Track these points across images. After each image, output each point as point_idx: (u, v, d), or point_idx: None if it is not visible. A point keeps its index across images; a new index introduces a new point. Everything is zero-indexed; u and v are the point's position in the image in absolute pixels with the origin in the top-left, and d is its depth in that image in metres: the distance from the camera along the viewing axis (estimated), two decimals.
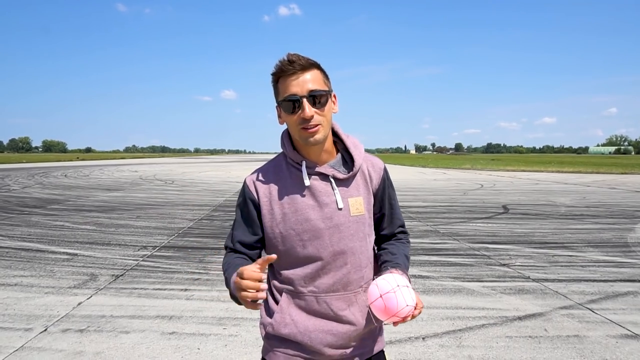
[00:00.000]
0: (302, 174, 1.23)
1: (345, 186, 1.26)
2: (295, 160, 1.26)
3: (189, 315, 3.59)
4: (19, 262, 5.19)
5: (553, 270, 4.90)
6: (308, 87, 1.16)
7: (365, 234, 1.28)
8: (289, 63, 1.16)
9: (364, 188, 1.29)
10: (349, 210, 1.24)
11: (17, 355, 2.88)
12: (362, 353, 1.30)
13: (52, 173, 25.19)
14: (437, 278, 4.60)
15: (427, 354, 2.92)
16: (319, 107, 1.18)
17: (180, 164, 44.03)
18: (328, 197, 1.23)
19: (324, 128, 1.20)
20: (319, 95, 1.18)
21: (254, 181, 1.28)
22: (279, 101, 1.21)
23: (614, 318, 3.50)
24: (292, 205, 1.23)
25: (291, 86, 1.17)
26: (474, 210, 9.93)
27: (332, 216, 1.23)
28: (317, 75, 1.19)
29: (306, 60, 1.18)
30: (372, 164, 1.33)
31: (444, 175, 24.15)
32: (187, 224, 7.87)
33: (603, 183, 18.18)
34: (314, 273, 1.24)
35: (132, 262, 5.23)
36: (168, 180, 19.91)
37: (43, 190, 14.57)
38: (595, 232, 7.17)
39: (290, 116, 1.19)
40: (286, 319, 1.25)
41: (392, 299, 1.08)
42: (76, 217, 8.64)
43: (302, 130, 1.18)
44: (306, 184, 1.22)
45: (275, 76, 1.21)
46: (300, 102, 1.16)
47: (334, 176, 1.25)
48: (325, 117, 1.20)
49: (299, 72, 1.17)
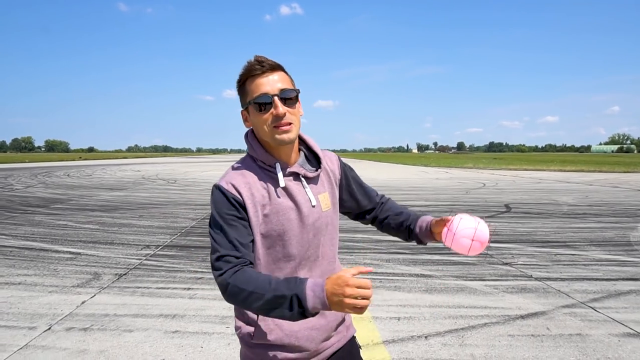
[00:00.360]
0: (277, 175, 1.23)
1: (314, 183, 1.30)
2: (267, 163, 1.24)
3: (192, 314, 3.60)
4: (23, 261, 5.21)
5: (555, 269, 4.90)
6: (278, 86, 1.18)
7: (335, 227, 1.36)
8: (257, 63, 1.18)
9: (327, 183, 1.34)
10: (321, 206, 1.29)
11: (22, 353, 2.90)
12: (340, 340, 1.38)
13: (54, 173, 25.27)
14: (440, 277, 4.61)
15: (430, 352, 2.93)
16: (290, 106, 1.19)
17: (182, 164, 44.11)
18: (302, 196, 1.25)
19: (296, 127, 1.21)
20: (289, 94, 1.19)
21: (232, 184, 1.20)
22: (249, 101, 1.20)
23: (617, 317, 3.50)
24: (272, 207, 1.22)
25: (261, 85, 1.17)
26: (476, 209, 9.92)
27: (309, 214, 1.26)
28: (284, 76, 1.21)
29: (274, 62, 1.20)
30: (329, 158, 1.39)
31: (446, 175, 24.12)
32: (190, 223, 7.89)
33: (605, 182, 18.13)
34: (292, 272, 1.25)
35: (135, 261, 5.25)
36: (170, 179, 19.95)
37: (46, 189, 14.63)
38: (598, 230, 7.16)
39: (260, 115, 1.19)
40: (270, 325, 1.24)
41: (482, 232, 1.27)
42: (79, 217, 8.67)
43: (274, 129, 1.18)
44: (282, 185, 1.22)
45: (242, 78, 1.21)
46: (272, 101, 1.17)
47: (305, 175, 1.27)
48: (296, 117, 1.22)
49: (267, 72, 1.18)
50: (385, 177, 22.02)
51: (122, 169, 30.51)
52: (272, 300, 1.06)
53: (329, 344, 1.34)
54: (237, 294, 1.09)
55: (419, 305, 3.80)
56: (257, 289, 1.07)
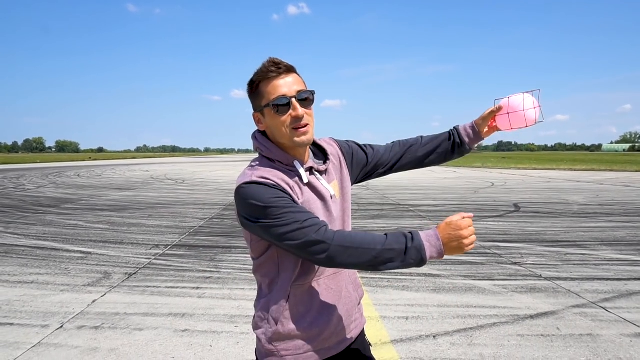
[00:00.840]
0: (299, 172, 1.24)
1: (326, 174, 1.33)
2: (286, 162, 1.23)
3: (201, 313, 3.63)
4: (35, 260, 5.29)
5: (565, 268, 4.86)
6: (295, 88, 1.19)
7: (349, 211, 1.40)
8: (273, 65, 1.18)
9: (334, 171, 1.37)
10: (336, 195, 1.33)
11: (34, 351, 2.94)
12: (357, 327, 1.40)
13: (65, 173, 25.57)
14: (448, 276, 4.59)
15: (438, 352, 2.92)
16: (306, 107, 1.21)
17: (190, 164, 44.37)
18: (321, 188, 1.29)
19: (312, 128, 1.23)
20: (306, 96, 1.21)
21: (264, 177, 1.17)
22: (267, 104, 1.19)
23: (628, 317, 3.46)
24: (305, 203, 1.23)
25: (279, 87, 1.17)
26: (485, 208, 9.86)
27: (330, 203, 1.29)
28: (298, 78, 1.23)
29: (288, 64, 1.21)
30: (329, 144, 1.42)
31: (454, 174, 23.98)
32: (198, 223, 7.94)
33: (617, 181, 17.90)
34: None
35: (144, 260, 5.30)
36: (179, 179, 20.09)
37: (57, 189, 14.81)
38: (609, 230, 7.08)
39: (279, 117, 1.18)
40: (295, 314, 1.25)
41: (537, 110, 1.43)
42: (89, 216, 8.76)
43: (293, 130, 1.19)
44: (305, 181, 1.24)
45: (256, 80, 1.20)
46: (290, 103, 1.18)
47: (318, 169, 1.30)
48: (312, 117, 1.24)
49: (283, 75, 1.19)
50: (392, 176, 21.89)
51: (131, 169, 30.77)
52: (382, 253, 1.09)
53: (351, 331, 1.36)
54: (342, 252, 1.10)
55: (427, 304, 3.79)
56: (364, 244, 1.10)
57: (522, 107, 1.40)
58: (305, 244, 1.11)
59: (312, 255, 1.12)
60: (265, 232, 1.15)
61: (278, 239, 1.14)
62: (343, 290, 1.33)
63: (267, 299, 1.27)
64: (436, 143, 1.51)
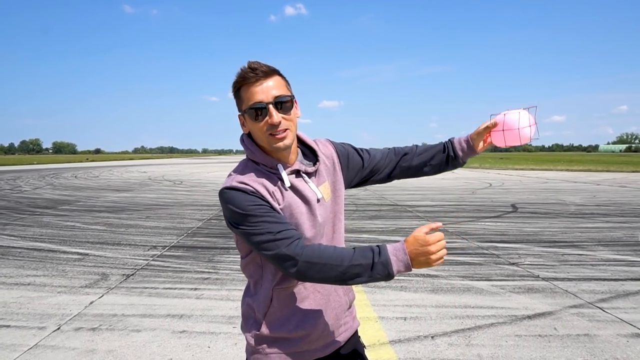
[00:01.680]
0: (282, 175, 1.23)
1: (315, 176, 1.31)
2: (269, 165, 1.24)
3: (199, 314, 3.63)
4: (32, 262, 5.27)
5: (563, 269, 4.87)
6: (273, 94, 1.17)
7: (340, 215, 1.37)
8: (251, 70, 1.16)
9: (326, 173, 1.35)
10: (324, 197, 1.31)
11: (32, 353, 2.93)
12: (347, 330, 1.39)
13: (62, 174, 25.48)
14: (446, 277, 4.60)
15: (436, 352, 2.93)
16: (285, 112, 1.19)
17: (188, 165, 44.31)
18: (307, 191, 1.27)
19: (292, 132, 1.22)
20: (284, 100, 1.19)
21: (244, 182, 1.18)
22: (244, 109, 1.20)
23: (625, 317, 3.47)
24: (284, 204, 1.22)
25: (255, 93, 1.17)
26: (482, 209, 9.88)
27: (317, 206, 1.28)
28: (279, 81, 1.20)
29: (268, 67, 1.18)
30: (324, 145, 1.40)
31: (452, 175, 24.02)
32: (196, 224, 7.93)
33: (614, 181, 17.97)
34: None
35: (142, 261, 5.28)
36: (177, 180, 20.06)
37: (54, 191, 14.76)
38: (606, 230, 7.11)
39: (256, 124, 1.19)
40: (283, 316, 1.27)
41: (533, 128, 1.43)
42: (86, 218, 8.74)
43: (270, 136, 1.19)
44: (287, 185, 1.23)
45: (237, 85, 1.20)
46: (266, 109, 1.16)
47: (305, 171, 1.28)
48: (292, 122, 1.22)
49: (261, 79, 1.17)
50: None
51: (129, 170, 30.71)
52: (349, 269, 1.10)
53: (337, 334, 1.35)
54: (309, 268, 1.11)
55: (425, 305, 3.79)
56: (331, 260, 1.11)
57: (518, 125, 1.40)
58: (277, 257, 1.13)
59: (284, 268, 1.14)
60: (244, 238, 1.18)
61: (255, 247, 1.17)
62: (332, 293, 1.32)
63: (253, 299, 1.30)
64: (431, 154, 1.48)
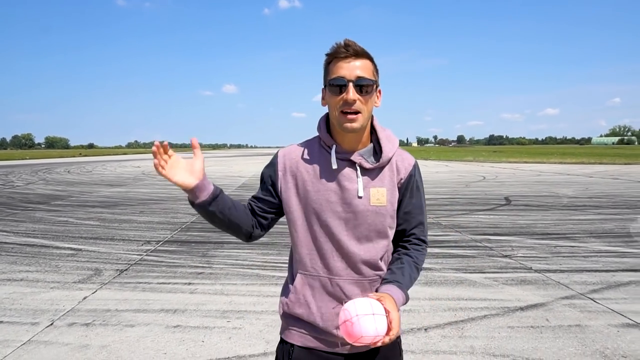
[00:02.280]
0: (331, 157, 1.25)
1: (370, 176, 1.27)
2: (327, 144, 1.28)
3: (192, 308, 3.62)
4: (24, 258, 5.23)
5: (555, 260, 4.92)
6: (356, 74, 1.18)
7: (386, 226, 1.28)
8: (344, 46, 1.19)
9: (389, 180, 1.28)
10: (369, 199, 1.25)
11: (24, 349, 2.92)
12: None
13: (55, 169, 25.29)
14: (440, 270, 4.62)
15: (430, 344, 2.95)
16: (363, 95, 1.19)
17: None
18: (351, 183, 1.25)
19: (363, 117, 1.21)
20: (365, 83, 1.19)
21: (285, 155, 1.32)
22: (327, 82, 1.22)
23: (616, 307, 3.52)
24: (316, 184, 1.26)
25: (341, 69, 1.19)
26: (476, 202, 9.93)
27: (351, 202, 1.24)
28: (367, 65, 1.21)
29: (361, 48, 1.20)
30: (402, 159, 1.33)
31: (446, 168, 24.11)
32: (190, 219, 7.91)
33: (606, 174, 18.12)
34: (327, 255, 1.26)
35: (136, 256, 5.27)
36: None
37: (46, 186, 14.64)
38: (598, 222, 7.17)
39: (333, 97, 1.21)
40: (300, 298, 1.28)
41: (355, 324, 1.06)
42: (80, 213, 8.68)
43: (341, 114, 1.20)
44: (333, 167, 1.24)
45: (328, 57, 1.23)
46: (346, 86, 1.18)
47: (361, 165, 1.26)
48: (367, 107, 1.21)
49: (351, 57, 1.19)
50: None
51: (122, 165, 30.52)
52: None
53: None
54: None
55: (419, 297, 3.81)
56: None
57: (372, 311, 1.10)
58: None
59: None
60: None
61: None
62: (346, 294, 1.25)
63: (287, 277, 1.37)
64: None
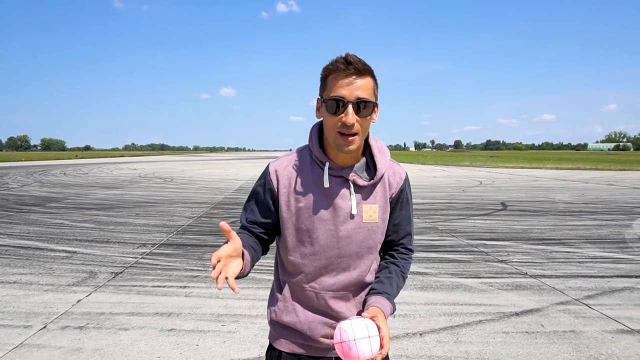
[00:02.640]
0: (324, 175, 1.22)
1: (363, 193, 1.25)
2: (320, 159, 1.24)
3: (187, 312, 3.60)
4: (18, 260, 5.20)
5: (550, 266, 4.93)
6: (357, 95, 1.13)
7: (376, 242, 1.28)
8: (346, 63, 1.13)
9: (381, 196, 1.27)
10: (362, 216, 1.24)
11: (17, 352, 2.89)
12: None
13: (51, 171, 25.17)
14: (435, 274, 4.62)
15: (425, 349, 2.94)
16: (362, 117, 1.15)
17: (179, 162, 44.00)
18: (344, 201, 1.22)
19: (360, 138, 1.18)
20: (365, 104, 1.15)
21: (277, 170, 1.27)
22: (325, 98, 1.17)
23: (610, 313, 3.52)
24: (308, 202, 1.23)
25: (341, 87, 1.13)
26: (472, 207, 9.95)
27: (345, 220, 1.23)
28: (368, 84, 1.16)
29: (363, 65, 1.14)
30: (394, 173, 1.30)
31: (443, 173, 24.16)
32: (186, 222, 7.88)
33: (602, 179, 18.21)
34: (317, 271, 1.26)
35: (131, 259, 5.24)
36: (167, 178, 19.90)
37: (42, 188, 14.57)
38: (593, 228, 7.20)
39: (331, 117, 1.16)
40: (288, 307, 1.30)
41: (352, 348, 1.08)
42: (75, 215, 8.64)
43: (338, 135, 1.16)
44: (325, 186, 1.21)
45: (327, 71, 1.17)
46: (345, 106, 1.13)
47: (355, 182, 1.23)
48: (363, 128, 1.17)
49: (352, 75, 1.13)
50: None
51: (119, 167, 30.42)
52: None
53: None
54: None
55: (414, 302, 3.81)
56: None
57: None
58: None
59: None
60: None
61: None
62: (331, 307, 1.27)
63: (274, 284, 1.39)
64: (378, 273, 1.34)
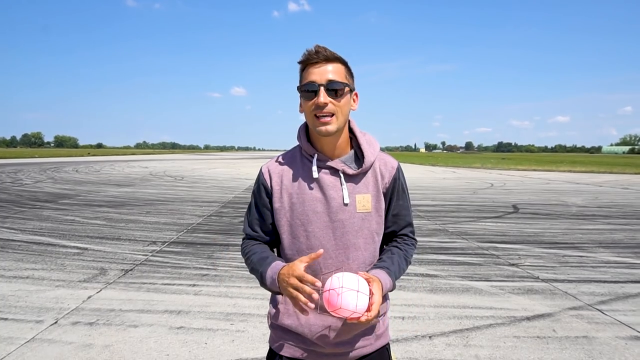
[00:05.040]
0: (313, 166, 1.25)
1: (354, 182, 1.27)
2: (308, 152, 1.28)
3: (196, 310, 3.62)
4: (31, 255, 5.27)
5: (563, 270, 4.85)
6: (327, 77, 1.19)
7: (372, 232, 1.29)
8: (314, 53, 1.21)
9: (373, 186, 1.29)
10: (355, 206, 1.25)
11: (28, 346, 2.93)
12: (364, 347, 1.31)
13: (63, 168, 25.51)
14: (445, 277, 4.58)
15: (434, 352, 2.91)
16: (335, 98, 1.20)
17: (190, 161, 44.32)
18: (335, 191, 1.25)
19: (338, 120, 1.21)
20: (336, 87, 1.20)
21: (269, 169, 1.33)
22: (299, 88, 1.24)
23: (624, 319, 3.46)
24: (300, 196, 1.26)
25: (312, 74, 1.21)
26: (483, 209, 9.85)
27: (338, 211, 1.24)
28: (339, 68, 1.22)
29: (331, 53, 1.22)
30: (385, 163, 1.33)
31: (454, 174, 23.98)
32: (196, 220, 7.93)
33: (616, 183, 17.91)
34: (315, 266, 1.25)
35: (141, 257, 5.28)
36: (178, 176, 20.05)
37: (54, 185, 14.77)
38: (607, 232, 7.08)
39: (306, 103, 1.22)
40: (289, 309, 1.29)
41: (338, 296, 1.09)
42: (87, 212, 8.74)
43: (315, 118, 1.21)
44: (314, 177, 1.24)
45: (301, 64, 1.25)
46: (317, 90, 1.19)
47: (344, 171, 1.26)
48: (341, 110, 1.21)
49: (322, 62, 1.21)
50: None
51: (130, 165, 30.72)
52: (252, 271, 1.29)
53: (350, 348, 1.29)
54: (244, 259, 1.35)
55: (424, 305, 3.78)
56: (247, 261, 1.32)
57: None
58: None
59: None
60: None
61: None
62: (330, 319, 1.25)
63: None
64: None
